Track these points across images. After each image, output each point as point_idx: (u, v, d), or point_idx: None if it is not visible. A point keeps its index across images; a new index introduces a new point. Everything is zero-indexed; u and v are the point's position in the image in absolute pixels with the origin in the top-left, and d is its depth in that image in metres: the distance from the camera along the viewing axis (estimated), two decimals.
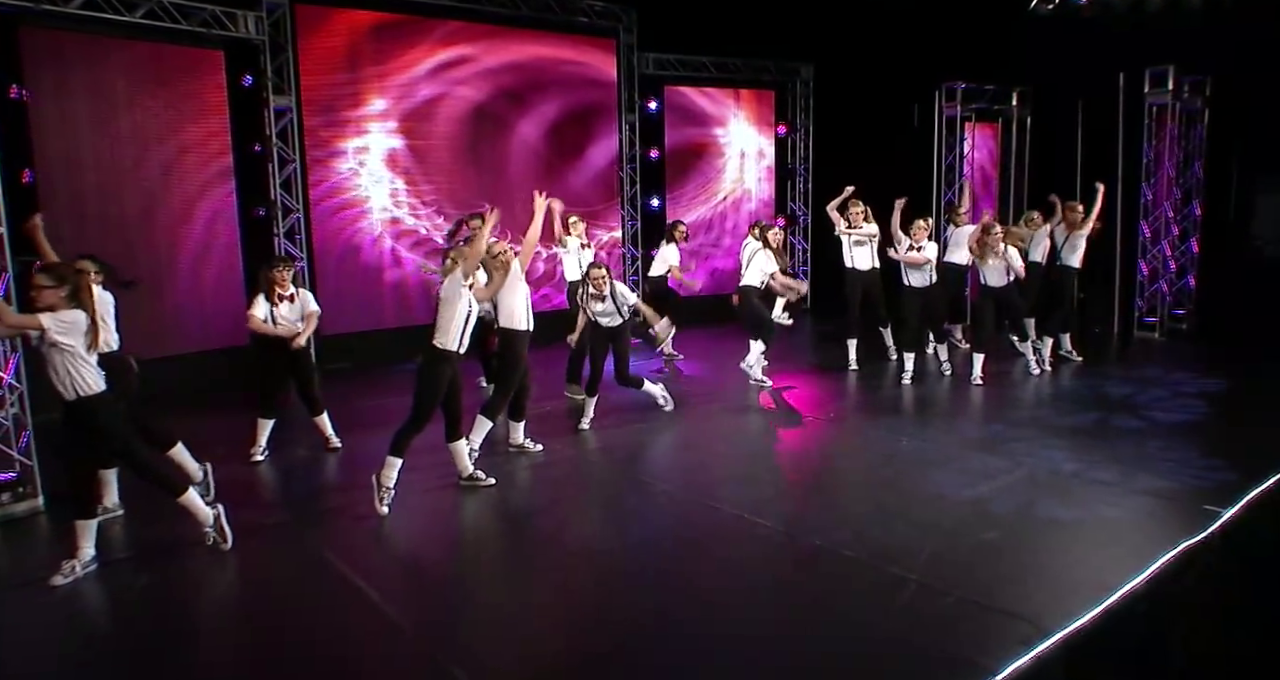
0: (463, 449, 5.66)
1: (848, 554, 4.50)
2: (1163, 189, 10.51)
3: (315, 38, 9.54)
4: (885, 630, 3.76)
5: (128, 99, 8.41)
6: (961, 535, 4.70)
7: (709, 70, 12.49)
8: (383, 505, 5.23)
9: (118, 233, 8.33)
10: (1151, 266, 10.63)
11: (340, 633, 3.93)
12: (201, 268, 8.96)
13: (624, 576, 4.50)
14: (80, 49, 8.07)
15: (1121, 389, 7.99)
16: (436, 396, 5.34)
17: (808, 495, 5.65)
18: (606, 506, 5.53)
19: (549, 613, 4.17)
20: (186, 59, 8.82)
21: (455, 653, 3.69)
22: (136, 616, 4.22)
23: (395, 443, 5.32)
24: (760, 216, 13.23)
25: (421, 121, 10.33)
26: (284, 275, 6.28)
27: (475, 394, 7.23)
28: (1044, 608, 3.83)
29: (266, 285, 6.28)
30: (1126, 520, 4.96)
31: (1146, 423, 6.91)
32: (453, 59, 10.49)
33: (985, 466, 5.85)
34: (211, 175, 9.01)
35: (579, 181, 11.70)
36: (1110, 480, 5.52)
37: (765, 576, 4.38)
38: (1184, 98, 10.38)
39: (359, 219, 10.03)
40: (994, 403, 7.68)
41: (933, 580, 4.15)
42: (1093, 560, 4.39)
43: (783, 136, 13.35)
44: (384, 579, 4.48)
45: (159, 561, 4.74)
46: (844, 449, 6.65)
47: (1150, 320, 10.59)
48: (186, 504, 4.75)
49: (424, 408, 5.33)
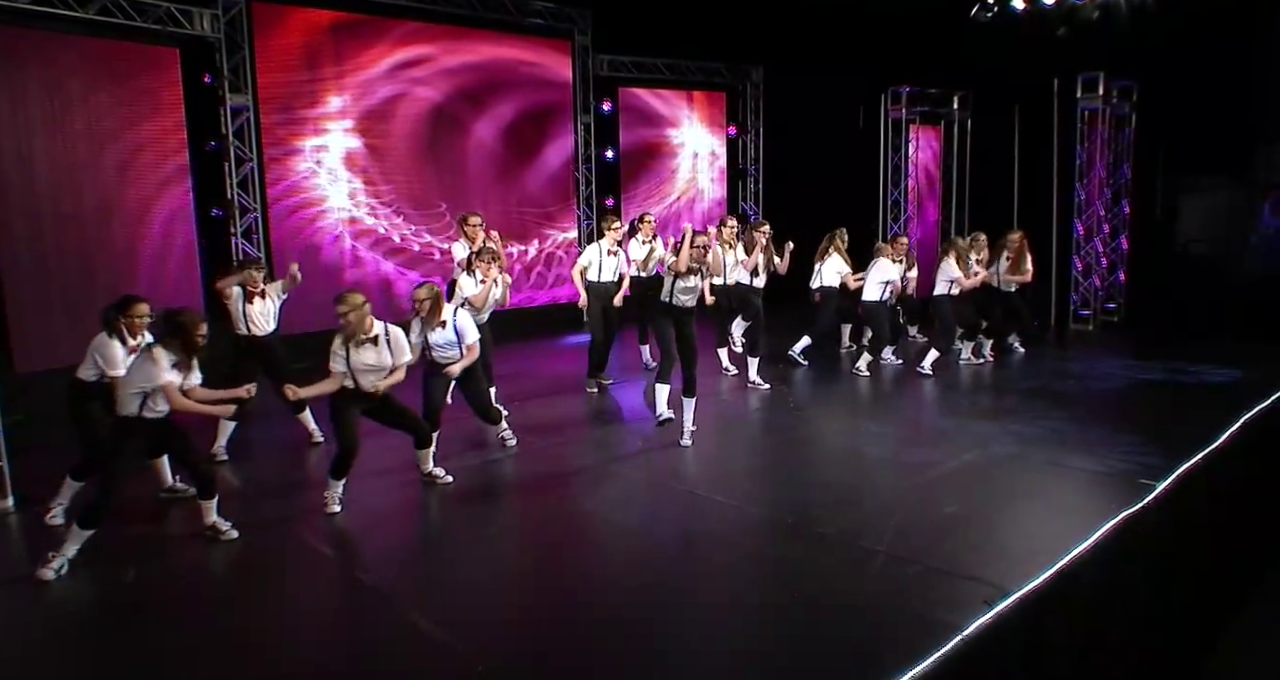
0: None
1: (820, 531, 4.76)
2: (1094, 189, 11.08)
3: (272, 36, 9.52)
4: (860, 596, 4.02)
5: (82, 96, 8.31)
6: (923, 512, 4.99)
7: (662, 72, 12.74)
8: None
9: (74, 231, 8.24)
10: (1085, 262, 11.19)
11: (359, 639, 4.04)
12: (160, 267, 8.87)
13: (611, 552, 4.70)
14: (32, 45, 7.96)
15: (1059, 378, 8.46)
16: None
17: (775, 478, 5.90)
18: (590, 496, 5.71)
19: (537, 581, 4.37)
20: (141, 56, 8.73)
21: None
22: (123, 608, 4.27)
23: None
24: (714, 216, 13.55)
25: (379, 121, 10.36)
26: (255, 277, 6.37)
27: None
28: (1002, 573, 4.13)
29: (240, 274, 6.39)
30: (1071, 495, 5.33)
31: (1084, 408, 7.35)
32: (410, 59, 10.55)
33: (940, 450, 6.18)
34: (168, 174, 8.94)
35: (535, 181, 11.84)
36: (1054, 461, 5.89)
37: (741, 551, 4.62)
38: (1113, 103, 10.97)
39: (318, 218, 10.03)
40: (942, 393, 8.05)
41: (900, 551, 4.43)
42: (1044, 530, 4.72)
43: (734, 137, 13.67)
44: (366, 560, 4.60)
45: (146, 555, 4.78)
46: (806, 436, 6.93)
47: (1084, 313, 11.16)
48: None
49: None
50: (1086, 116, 10.88)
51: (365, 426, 5.35)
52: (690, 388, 6.43)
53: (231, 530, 4.87)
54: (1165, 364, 8.81)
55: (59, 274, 8.14)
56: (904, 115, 11.91)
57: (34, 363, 7.84)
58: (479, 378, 6.14)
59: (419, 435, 5.58)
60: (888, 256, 8.50)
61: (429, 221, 10.82)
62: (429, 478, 5.71)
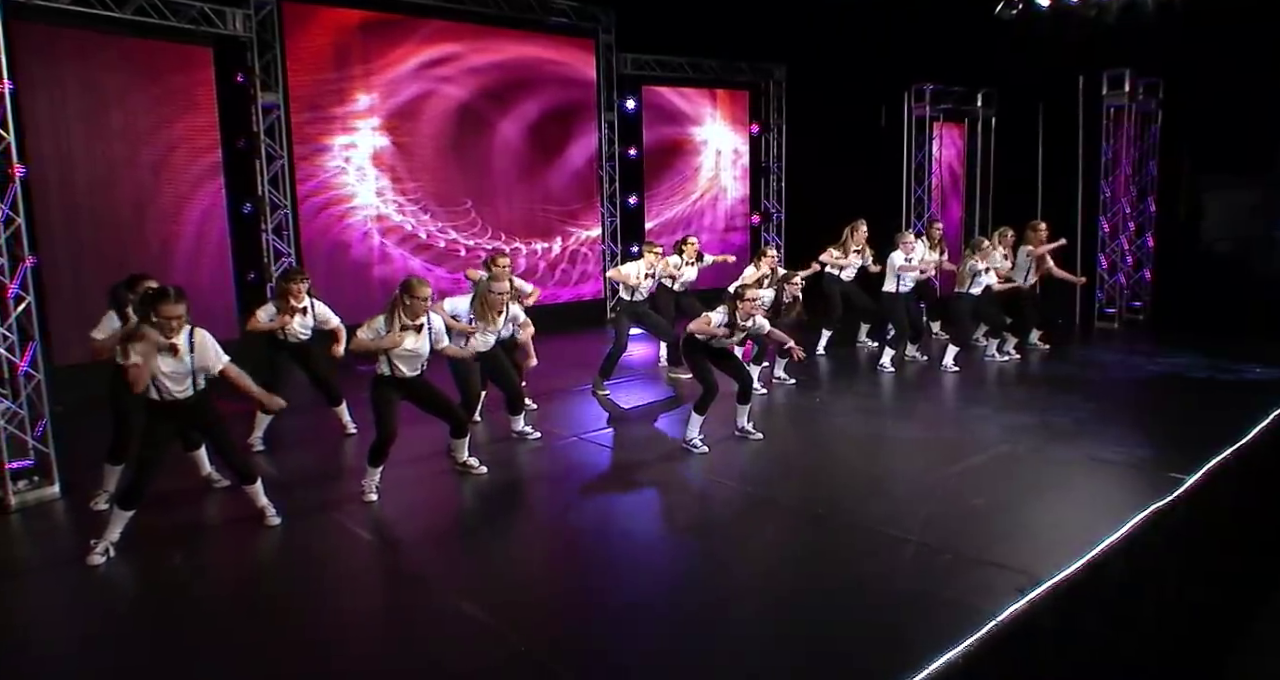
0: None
1: (851, 520, 4.82)
2: (1120, 186, 11.05)
3: (303, 35, 9.67)
4: (892, 582, 4.07)
5: (118, 94, 8.47)
6: (952, 503, 5.04)
7: (685, 70, 12.80)
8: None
9: (110, 228, 8.40)
10: (1110, 260, 11.16)
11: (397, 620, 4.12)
12: (195, 263, 9.03)
13: (643, 541, 4.79)
14: (71, 44, 8.12)
15: (1085, 374, 8.47)
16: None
17: (804, 470, 5.95)
18: (623, 486, 5.79)
19: (571, 567, 4.46)
20: (176, 55, 8.89)
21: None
22: (171, 591, 4.38)
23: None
24: (736, 214, 13.63)
25: (406, 119, 10.49)
26: (299, 288, 6.31)
27: None
28: (1033, 562, 4.17)
29: (280, 297, 6.36)
30: (1100, 488, 5.35)
31: (1111, 403, 7.36)
32: (436, 58, 10.67)
33: (966, 444, 6.21)
34: (201, 171, 9.09)
35: (558, 179, 11.94)
36: (1081, 454, 5.91)
37: (771, 539, 4.70)
38: (1139, 99, 10.92)
39: (346, 215, 10.16)
40: (968, 388, 8.07)
41: (931, 540, 4.48)
42: (1073, 521, 4.76)
43: (756, 135, 13.71)
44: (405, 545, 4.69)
45: (191, 541, 4.90)
46: (832, 430, 6.97)
47: (1110, 311, 11.12)
48: None
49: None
50: (1112, 113, 10.85)
51: (403, 414, 5.44)
52: (745, 395, 6.37)
53: (275, 516, 4.98)
54: (1192, 361, 8.78)
55: (96, 269, 8.27)
56: (928, 113, 11.90)
57: (71, 356, 7.99)
58: (508, 368, 6.26)
59: (456, 423, 5.66)
60: (900, 248, 8.63)
61: (454, 218, 10.93)
62: (464, 467, 5.80)
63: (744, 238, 13.62)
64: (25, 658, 3.76)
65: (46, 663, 3.73)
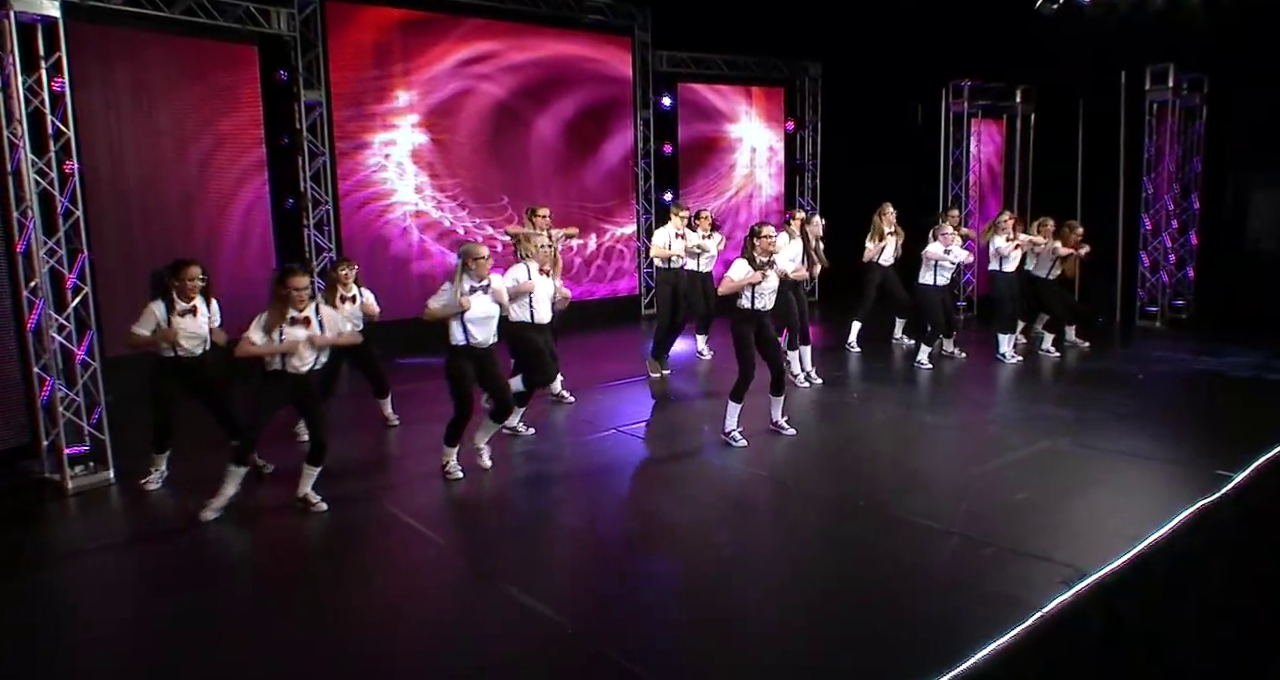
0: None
1: (890, 513, 4.82)
2: (1163, 183, 10.88)
3: (345, 34, 9.81)
4: (935, 573, 4.08)
5: (167, 92, 8.65)
6: (993, 497, 5.02)
7: (721, 68, 12.81)
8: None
9: (159, 223, 8.58)
10: (1152, 258, 10.99)
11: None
12: (240, 258, 9.21)
13: (686, 531, 4.83)
14: (122, 42, 8.31)
15: (1127, 371, 8.37)
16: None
17: (843, 464, 5.96)
18: (661, 478, 5.84)
19: (614, 553, 4.51)
20: (222, 54, 9.07)
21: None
22: (222, 573, 4.50)
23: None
24: (771, 211, 13.60)
25: (444, 116, 10.60)
26: (347, 275, 6.43)
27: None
28: (1078, 556, 4.15)
29: (328, 286, 6.46)
30: (1144, 484, 5.31)
31: (1154, 400, 7.27)
32: (474, 56, 10.77)
33: (1006, 439, 6.18)
34: (246, 167, 9.27)
35: (594, 176, 12.00)
36: (1124, 450, 5.85)
37: (813, 531, 4.71)
38: (1183, 95, 10.75)
39: (386, 211, 10.29)
40: (1008, 384, 8.01)
41: (972, 533, 4.47)
42: (1117, 517, 4.72)
43: (791, 133, 13.68)
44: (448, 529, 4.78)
45: (240, 525, 5.02)
46: (871, 424, 6.96)
47: (1151, 310, 10.96)
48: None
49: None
50: (1155, 109, 10.68)
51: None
52: (778, 386, 6.35)
53: (321, 503, 5.09)
54: (1236, 360, 8.64)
55: (146, 264, 8.45)
56: (965, 109, 11.81)
57: (119, 348, 8.19)
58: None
59: (503, 409, 5.71)
60: (938, 239, 8.63)
61: (491, 215, 11.03)
62: (478, 451, 5.79)
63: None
64: (75, 633, 3.89)
65: (92, 639, 3.83)
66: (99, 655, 3.71)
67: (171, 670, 3.56)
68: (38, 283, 5.40)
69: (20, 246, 5.41)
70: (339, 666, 3.49)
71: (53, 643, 3.78)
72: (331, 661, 3.53)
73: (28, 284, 5.44)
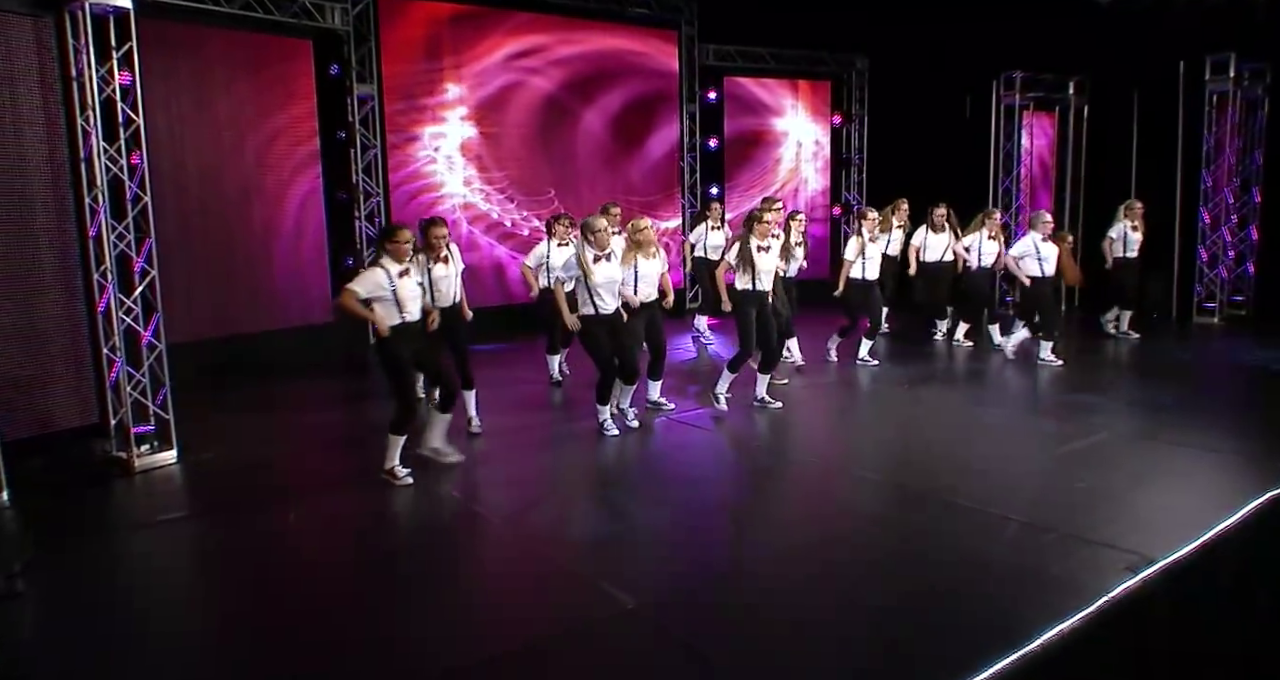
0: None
1: (950, 499, 4.78)
2: (1223, 176, 10.61)
3: (396, 28, 9.95)
4: (997, 558, 4.03)
5: (225, 85, 8.84)
6: (1055, 485, 4.95)
7: (767, 61, 12.76)
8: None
9: (217, 213, 8.77)
10: (1211, 252, 10.74)
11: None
12: (295, 248, 9.38)
13: (743, 513, 4.84)
14: (182, 37, 8.50)
15: (1187, 366, 8.21)
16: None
17: (897, 452, 5.92)
18: (720, 461, 5.87)
19: (693, 537, 4.53)
20: (278, 48, 9.23)
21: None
22: (276, 550, 4.59)
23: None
24: (816, 206, 13.53)
25: (493, 110, 10.70)
26: (443, 232, 6.03)
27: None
28: (1143, 543, 4.07)
29: (428, 247, 5.94)
30: (1209, 475, 5.19)
31: (1214, 395, 7.13)
32: (523, 50, 10.86)
33: (1065, 429, 6.09)
34: (301, 160, 9.43)
35: (639, 170, 12.02)
36: (1187, 442, 5.73)
37: (872, 517, 4.68)
38: (1244, 86, 10.49)
39: (436, 204, 10.41)
40: (1062, 374, 7.88)
41: (1034, 520, 4.41)
42: (1183, 506, 4.63)
43: (838, 127, 13.58)
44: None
45: (302, 501, 5.13)
46: (923, 413, 6.89)
47: (1209, 305, 10.70)
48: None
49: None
50: (1215, 100, 10.43)
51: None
52: (767, 365, 6.72)
53: (455, 454, 5.47)
54: None
55: (203, 253, 8.67)
56: (1017, 101, 11.63)
57: (176, 334, 8.38)
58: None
59: (629, 370, 6.03)
60: (986, 227, 8.77)
61: (538, 207, 11.10)
62: (617, 414, 6.23)
63: (824, 230, 13.50)
64: (146, 597, 4.02)
65: (148, 612, 3.91)
66: (170, 619, 3.81)
67: (241, 631, 3.66)
68: (107, 266, 5.55)
69: (92, 231, 5.57)
70: (404, 630, 3.55)
71: (126, 606, 3.91)
72: (396, 625, 3.58)
73: (98, 267, 5.59)
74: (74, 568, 4.29)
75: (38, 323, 5.68)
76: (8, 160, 5.53)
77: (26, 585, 3.95)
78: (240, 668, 3.39)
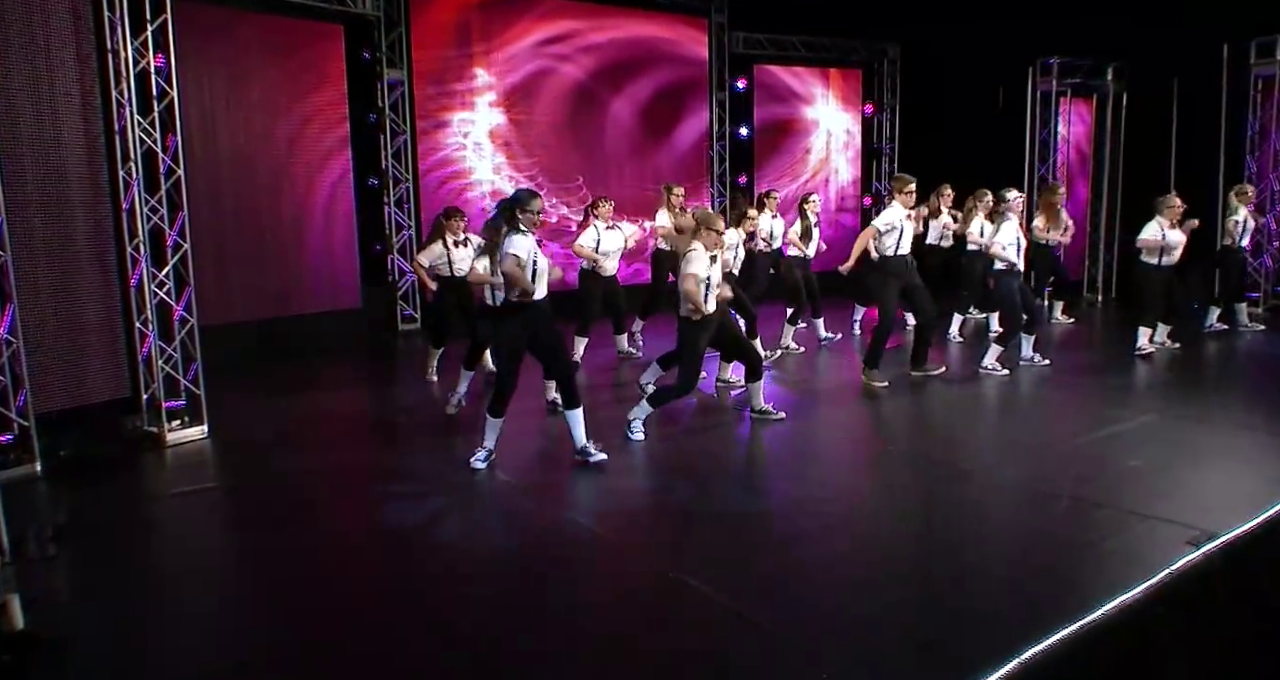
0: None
1: (996, 476, 4.65)
2: (1268, 162, 10.35)
3: (427, 13, 9.92)
4: (1047, 531, 3.90)
5: (257, 70, 8.83)
6: (1104, 464, 4.82)
7: (798, 49, 12.63)
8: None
9: (249, 197, 8.76)
10: (1254, 241, 10.46)
11: None
12: (327, 233, 9.36)
13: (796, 494, 4.73)
14: (214, 21, 8.50)
15: (1231, 353, 7.99)
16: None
17: (944, 433, 5.81)
18: (772, 443, 5.74)
19: (747, 522, 4.39)
20: (309, 33, 9.21)
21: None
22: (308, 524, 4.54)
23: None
24: (847, 196, 13.37)
25: (522, 96, 10.64)
26: (457, 224, 7.20)
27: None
28: (1202, 519, 3.92)
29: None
30: (1263, 455, 5.02)
31: (1261, 382, 6.92)
32: (552, 36, 10.79)
33: (1112, 411, 5.93)
34: (331, 144, 9.39)
35: (668, 158, 11.91)
36: (1235, 424, 5.58)
37: (923, 494, 4.55)
38: None
39: (465, 190, 10.37)
40: (1102, 364, 7.69)
41: (1084, 496, 4.27)
42: (1239, 485, 4.48)
43: (869, 116, 13.42)
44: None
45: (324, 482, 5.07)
46: (964, 396, 6.73)
47: (1253, 295, 10.43)
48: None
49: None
50: (1260, 84, 10.17)
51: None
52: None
53: (600, 453, 5.03)
54: None
55: (235, 237, 8.67)
56: (1054, 88, 11.41)
57: (208, 317, 8.39)
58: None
59: (753, 364, 5.74)
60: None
61: (566, 195, 11.04)
62: (760, 414, 5.83)
63: (854, 220, 13.34)
64: (179, 562, 4.00)
65: (194, 568, 3.91)
66: (204, 583, 3.77)
67: (274, 597, 3.61)
68: (141, 239, 5.53)
69: (125, 204, 5.56)
70: (418, 599, 3.48)
71: (159, 570, 3.88)
72: (413, 595, 3.52)
73: (131, 241, 5.58)
74: (107, 534, 4.26)
75: (72, 296, 5.66)
76: (45, 133, 5.51)
77: (58, 549, 3.92)
78: (270, 633, 3.34)
